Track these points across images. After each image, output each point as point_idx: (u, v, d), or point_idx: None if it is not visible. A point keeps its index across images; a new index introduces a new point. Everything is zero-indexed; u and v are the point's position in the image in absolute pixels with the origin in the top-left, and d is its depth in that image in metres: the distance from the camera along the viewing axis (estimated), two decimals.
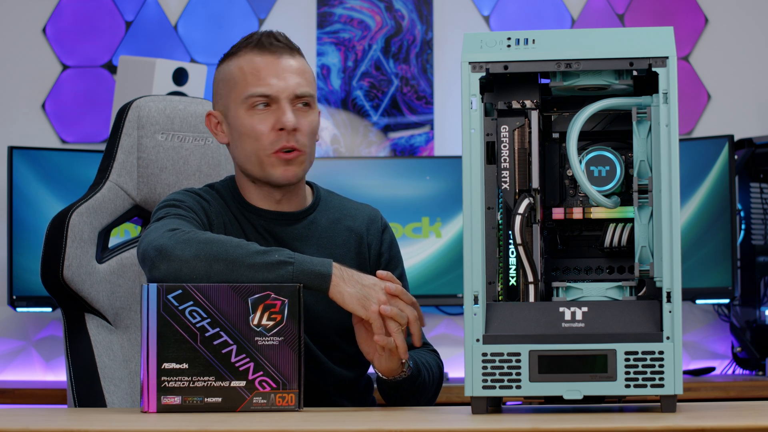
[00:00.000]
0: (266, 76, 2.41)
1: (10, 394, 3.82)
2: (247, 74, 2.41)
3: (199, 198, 2.43)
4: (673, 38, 1.99)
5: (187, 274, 2.17)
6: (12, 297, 4.05)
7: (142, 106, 2.68)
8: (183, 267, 2.17)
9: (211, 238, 2.21)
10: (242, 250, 2.18)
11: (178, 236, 2.21)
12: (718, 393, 3.70)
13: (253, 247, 2.19)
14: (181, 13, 4.42)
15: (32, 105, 4.39)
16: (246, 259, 2.17)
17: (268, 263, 2.16)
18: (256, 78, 2.41)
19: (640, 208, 2.01)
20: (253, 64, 2.42)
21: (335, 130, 4.40)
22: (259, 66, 2.41)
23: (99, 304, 2.60)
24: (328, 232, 2.50)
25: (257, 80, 2.41)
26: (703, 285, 3.98)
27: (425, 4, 4.42)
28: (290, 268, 2.16)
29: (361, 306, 2.17)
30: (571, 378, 1.94)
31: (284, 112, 2.40)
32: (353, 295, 2.17)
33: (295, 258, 2.17)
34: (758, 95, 4.39)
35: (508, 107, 2.08)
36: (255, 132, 2.40)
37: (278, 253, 2.18)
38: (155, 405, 2.07)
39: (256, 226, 2.45)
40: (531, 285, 2.03)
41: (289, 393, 2.08)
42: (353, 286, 2.18)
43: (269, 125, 2.40)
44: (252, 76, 2.41)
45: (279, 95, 2.40)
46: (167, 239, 2.21)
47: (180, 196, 2.41)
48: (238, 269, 2.17)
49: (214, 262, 2.17)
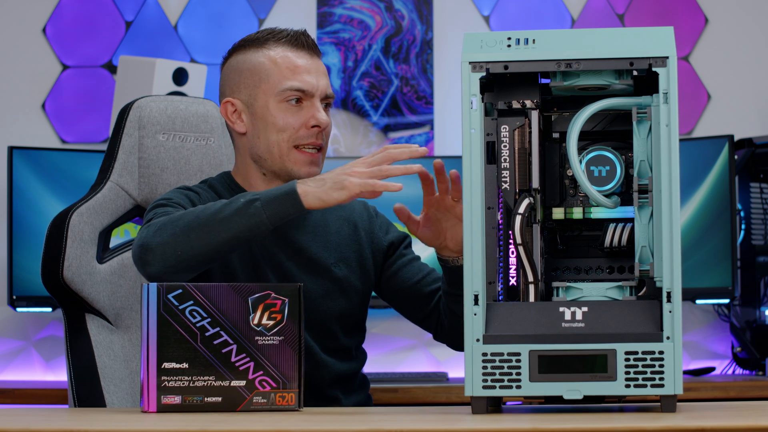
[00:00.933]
0: (303, 73, 2.45)
1: (10, 394, 3.82)
2: (283, 68, 2.45)
3: (187, 191, 2.45)
4: (673, 38, 1.99)
5: (172, 255, 2.19)
6: (12, 297, 4.04)
7: (143, 106, 2.68)
8: (166, 250, 2.19)
9: (181, 214, 2.24)
10: (210, 209, 2.21)
11: (152, 227, 2.24)
12: (718, 393, 3.70)
13: (219, 204, 2.22)
14: (181, 13, 4.42)
15: (32, 105, 4.39)
16: (217, 215, 2.19)
17: (236, 209, 2.19)
18: (293, 73, 2.44)
19: (640, 208, 2.01)
20: (289, 58, 2.45)
21: (335, 130, 4.40)
22: (296, 62, 2.45)
23: (99, 305, 2.60)
24: (321, 220, 2.52)
25: (294, 75, 2.44)
26: (703, 285, 3.98)
27: (425, 4, 4.42)
28: (257, 203, 2.18)
29: (339, 189, 2.18)
30: (571, 378, 1.94)
31: (318, 110, 2.45)
32: (325, 190, 2.19)
33: (259, 193, 2.19)
34: (758, 95, 4.39)
35: (508, 107, 2.08)
36: (286, 125, 2.44)
37: (242, 197, 2.21)
38: (155, 405, 2.07)
39: None
40: (531, 285, 2.03)
41: (289, 392, 2.08)
42: (319, 184, 2.20)
43: (301, 120, 2.44)
44: (288, 70, 2.44)
45: (314, 93, 2.45)
46: (145, 234, 2.24)
47: (168, 195, 2.44)
48: (214, 228, 2.19)
49: (190, 232, 2.19)
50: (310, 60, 2.47)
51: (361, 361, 2.56)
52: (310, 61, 2.46)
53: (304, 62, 2.46)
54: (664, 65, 1.97)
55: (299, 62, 2.45)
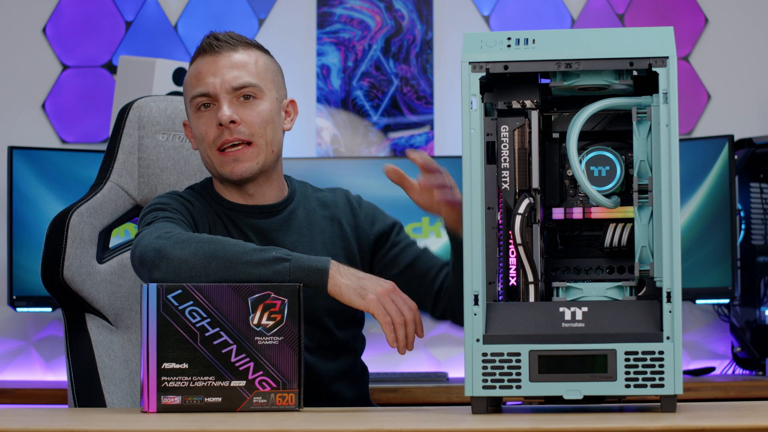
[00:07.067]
0: (205, 76, 2.44)
1: (10, 394, 3.82)
2: (192, 78, 2.46)
3: (182, 200, 2.45)
4: (673, 38, 1.99)
5: (186, 273, 2.18)
6: (12, 297, 4.04)
7: (143, 106, 2.68)
8: (182, 266, 2.18)
9: (208, 238, 2.22)
10: (239, 248, 2.19)
11: (175, 237, 2.23)
12: (718, 393, 3.70)
13: (250, 245, 2.20)
14: (181, 13, 4.42)
15: (32, 105, 4.39)
16: (243, 256, 2.18)
17: (265, 260, 2.17)
18: (197, 80, 2.44)
19: (640, 208, 2.01)
20: (197, 67, 2.46)
21: (335, 130, 4.40)
22: (200, 68, 2.45)
23: (99, 304, 2.60)
24: (306, 221, 2.51)
25: (198, 82, 2.44)
26: (703, 285, 3.98)
27: (425, 4, 4.42)
28: (287, 264, 2.17)
29: (358, 296, 2.18)
30: (571, 378, 1.94)
31: (220, 107, 2.41)
32: (350, 286, 2.18)
33: (292, 255, 2.18)
34: (758, 95, 4.39)
35: (508, 107, 2.08)
36: (201, 133, 2.45)
37: (275, 251, 2.19)
38: (155, 405, 2.07)
39: (237, 221, 2.47)
40: (531, 285, 2.03)
41: (289, 393, 2.08)
42: (350, 279, 2.19)
43: (212, 123, 2.43)
44: (195, 79, 2.45)
45: (216, 91, 2.43)
46: (165, 240, 2.22)
47: (165, 200, 2.43)
48: (236, 266, 2.17)
49: (211, 260, 2.18)
50: (215, 59, 2.43)
51: (358, 351, 2.56)
52: (214, 60, 2.43)
53: (206, 65, 2.44)
54: (664, 65, 1.97)
55: (202, 67, 2.44)
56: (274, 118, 2.45)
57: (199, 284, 2.09)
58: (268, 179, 2.49)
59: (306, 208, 2.54)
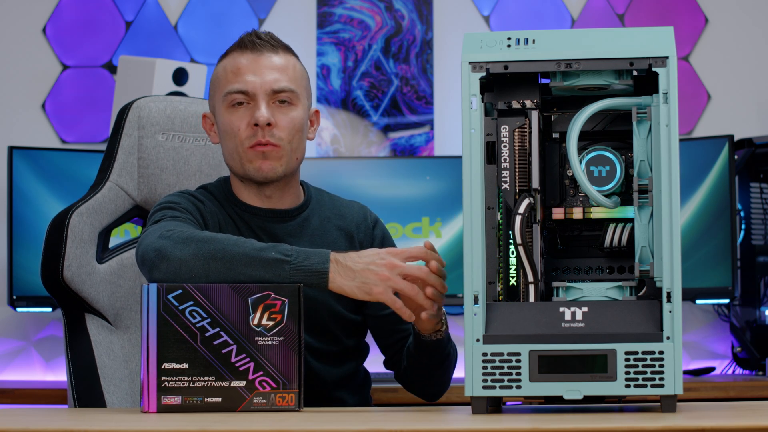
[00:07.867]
0: (245, 73, 2.42)
1: (10, 394, 3.82)
2: (228, 73, 2.44)
3: (193, 199, 2.44)
4: (673, 38, 1.99)
5: (186, 274, 2.17)
6: (12, 297, 4.05)
7: (142, 106, 2.68)
8: (182, 266, 2.18)
9: (209, 237, 2.21)
10: (239, 248, 2.19)
11: (176, 236, 2.22)
12: (718, 393, 3.70)
13: (249, 245, 2.19)
14: (181, 13, 4.42)
15: (32, 105, 4.39)
16: (243, 257, 2.17)
17: (265, 262, 2.16)
18: (235, 75, 2.43)
19: (640, 208, 2.01)
20: (235, 62, 2.44)
21: (335, 130, 4.40)
22: (240, 64, 2.43)
23: (99, 305, 2.60)
24: (319, 229, 2.51)
25: (236, 77, 2.43)
26: (703, 285, 3.98)
27: (425, 4, 4.42)
28: (287, 267, 2.16)
29: (364, 293, 2.17)
30: (571, 378, 1.94)
31: (258, 108, 2.41)
32: (352, 286, 2.17)
33: (292, 256, 2.17)
34: (758, 95, 4.39)
35: (508, 107, 2.08)
36: (233, 128, 2.42)
37: (275, 251, 2.18)
38: (155, 405, 2.07)
39: (250, 223, 2.46)
40: (531, 285, 2.03)
41: (289, 393, 2.08)
42: (350, 278, 2.18)
43: (246, 121, 2.42)
44: (232, 74, 2.43)
45: (256, 91, 2.42)
46: (165, 240, 2.21)
47: (175, 198, 2.42)
48: (236, 267, 2.17)
49: (211, 261, 2.17)
50: (257, 58, 2.43)
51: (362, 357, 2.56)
52: (256, 59, 2.43)
53: (247, 62, 2.43)
54: (664, 65, 1.97)
55: (242, 63, 2.43)
56: (303, 127, 2.46)
57: (200, 284, 2.09)
58: (287, 184, 2.49)
59: (320, 216, 2.53)
